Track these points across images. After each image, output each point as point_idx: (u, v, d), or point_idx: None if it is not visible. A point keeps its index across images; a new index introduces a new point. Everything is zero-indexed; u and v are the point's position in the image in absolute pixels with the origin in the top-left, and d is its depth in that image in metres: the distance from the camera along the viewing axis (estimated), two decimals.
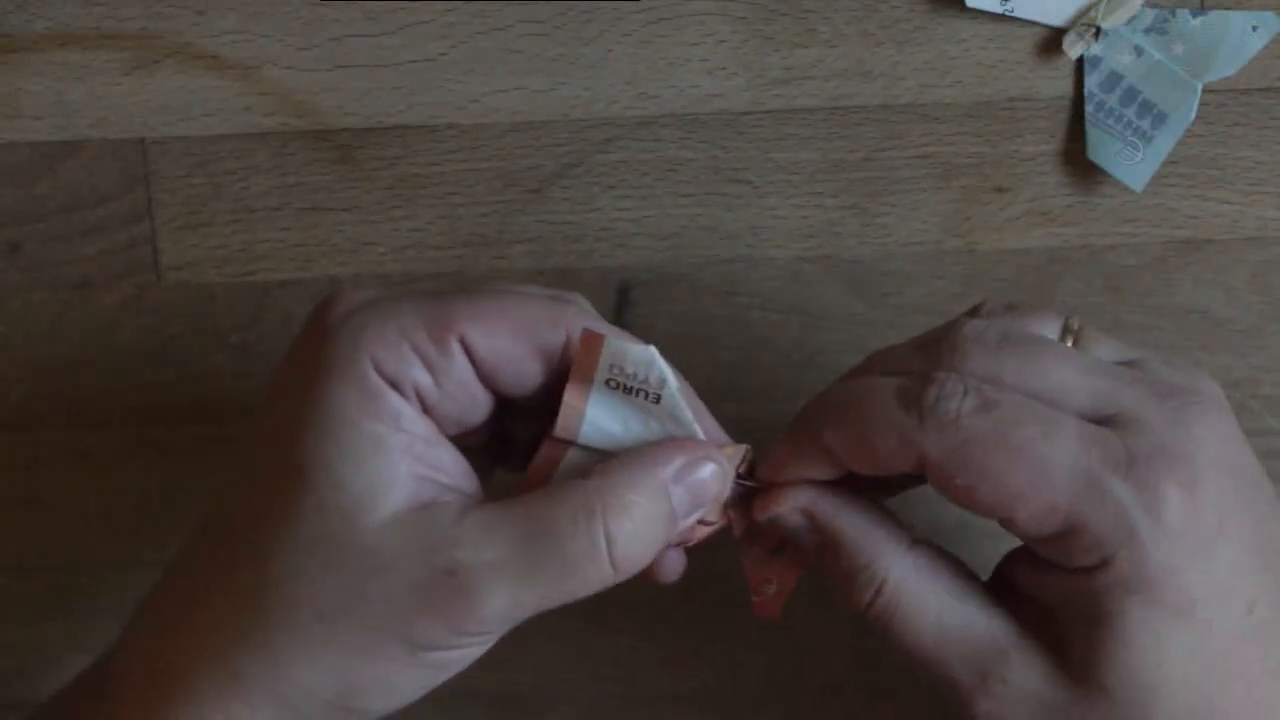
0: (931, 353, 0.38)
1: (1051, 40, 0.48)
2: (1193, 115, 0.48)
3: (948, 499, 0.37)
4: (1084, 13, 0.48)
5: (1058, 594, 0.37)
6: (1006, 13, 0.48)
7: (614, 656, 0.51)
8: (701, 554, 0.50)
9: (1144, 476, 0.36)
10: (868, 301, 0.50)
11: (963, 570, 0.39)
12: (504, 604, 0.36)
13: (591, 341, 0.38)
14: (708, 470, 0.38)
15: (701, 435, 0.39)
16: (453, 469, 0.38)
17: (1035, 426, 0.36)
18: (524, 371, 0.38)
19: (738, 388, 0.50)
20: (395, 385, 0.37)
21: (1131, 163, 0.48)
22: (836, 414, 0.38)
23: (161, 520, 0.51)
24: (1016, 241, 0.49)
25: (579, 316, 0.38)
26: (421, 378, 0.37)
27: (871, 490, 0.40)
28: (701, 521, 0.40)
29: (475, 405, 0.39)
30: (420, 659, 0.36)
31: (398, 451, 0.37)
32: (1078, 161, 0.49)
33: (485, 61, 0.49)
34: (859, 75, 0.48)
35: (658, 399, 0.38)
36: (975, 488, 0.36)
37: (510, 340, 0.37)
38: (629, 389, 0.38)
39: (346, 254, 0.50)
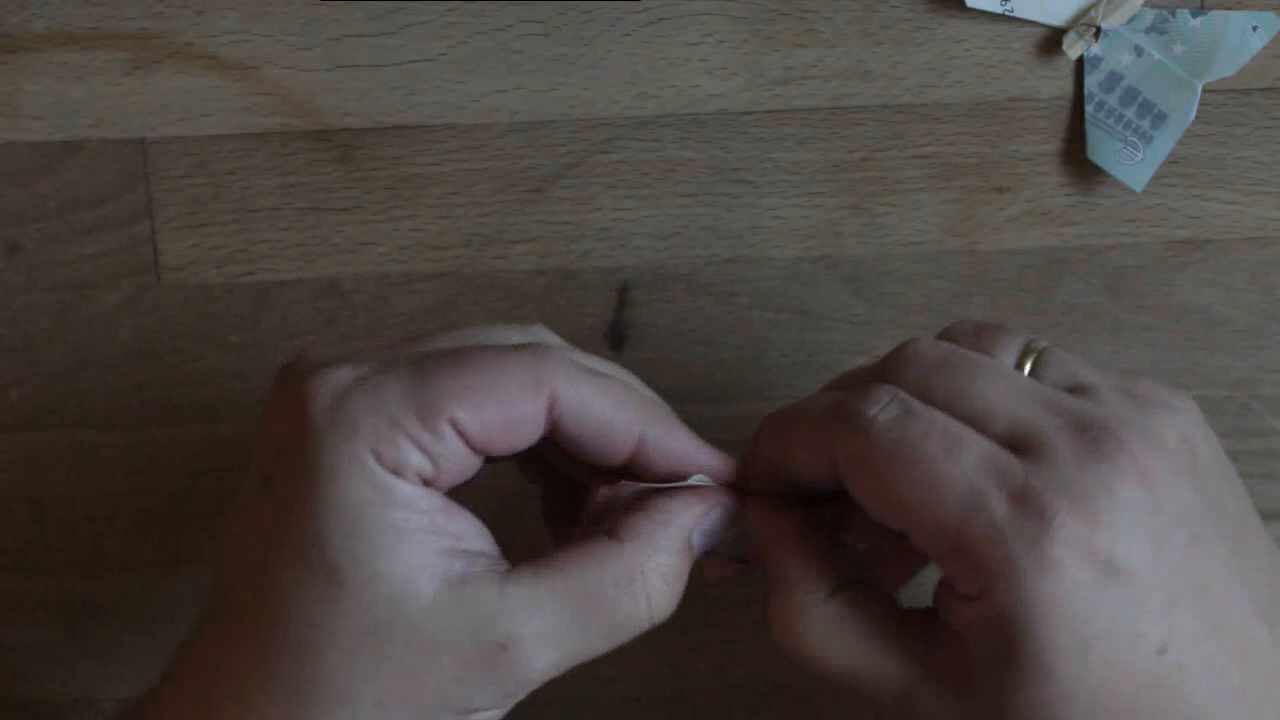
0: (882, 369, 0.39)
1: (1051, 40, 0.48)
2: (1193, 115, 0.48)
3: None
4: (1084, 13, 0.48)
5: (962, 622, 0.37)
6: (1006, 13, 0.48)
7: (614, 656, 0.51)
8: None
9: (1036, 506, 0.35)
10: (868, 301, 0.50)
11: (882, 610, 0.39)
12: (552, 664, 0.38)
13: None
14: (716, 515, 0.40)
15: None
16: (472, 532, 0.39)
17: (940, 443, 0.36)
18: (514, 437, 0.38)
19: (738, 388, 0.50)
20: (397, 473, 0.37)
21: (1131, 163, 0.48)
22: (775, 421, 0.40)
23: (162, 520, 0.51)
24: (1016, 241, 0.49)
25: (559, 373, 0.38)
26: (421, 463, 0.38)
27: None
28: (742, 561, 0.41)
29: (471, 469, 0.39)
30: (472, 719, 0.38)
31: (422, 533, 0.37)
32: (1078, 161, 0.49)
33: (485, 61, 0.49)
34: (859, 75, 0.48)
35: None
36: (875, 495, 0.37)
37: (498, 415, 0.38)
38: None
39: (346, 254, 0.50)
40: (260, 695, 0.38)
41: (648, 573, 0.38)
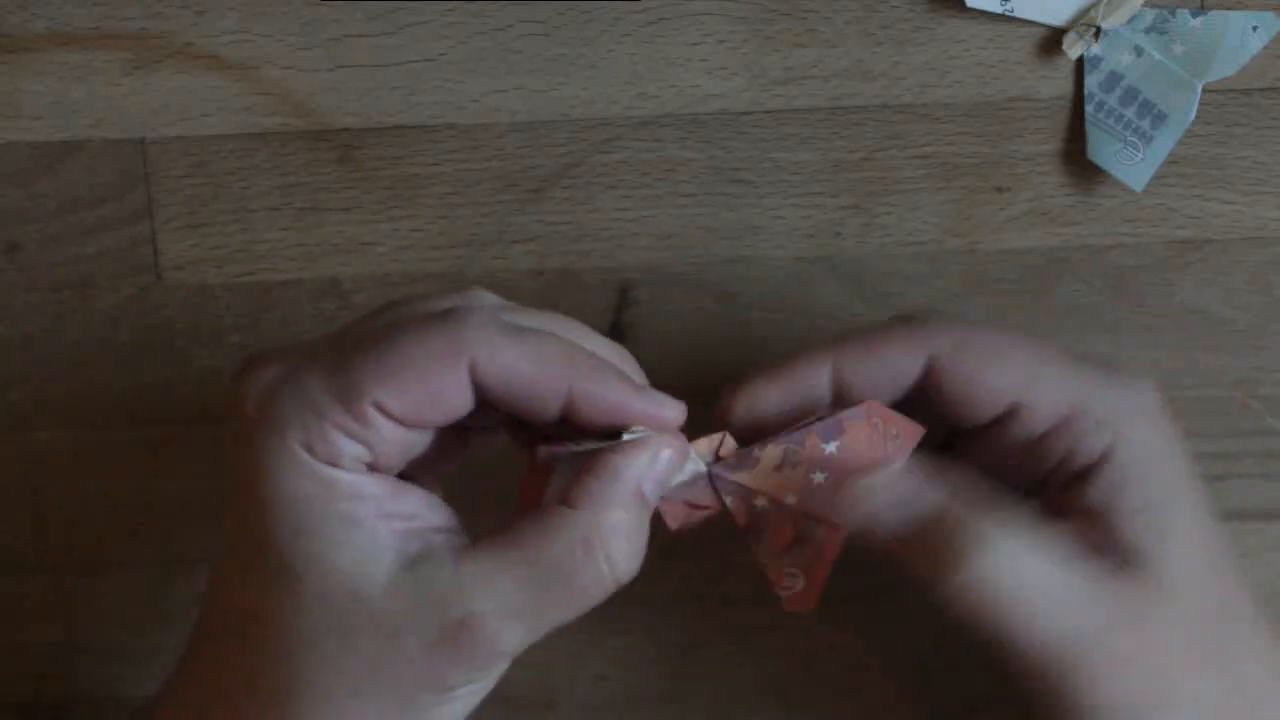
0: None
1: (1051, 40, 0.48)
2: (1193, 115, 0.48)
3: (947, 408, 0.40)
4: (1084, 13, 0.48)
5: (1089, 507, 0.39)
6: (1006, 13, 0.48)
7: (614, 656, 0.51)
8: (700, 554, 0.50)
9: (1121, 375, 0.40)
10: (868, 301, 0.50)
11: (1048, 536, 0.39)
12: (521, 636, 0.37)
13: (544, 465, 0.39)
14: (665, 457, 0.39)
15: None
16: (425, 509, 0.39)
17: (1020, 334, 0.41)
18: (442, 409, 0.38)
19: None
20: (334, 463, 0.37)
21: (1131, 163, 0.48)
22: (840, 339, 0.41)
23: (161, 520, 0.51)
24: (1016, 241, 0.49)
25: (477, 338, 0.38)
26: (355, 450, 0.38)
27: None
28: (694, 505, 0.40)
29: (415, 444, 0.39)
30: (454, 695, 0.38)
31: (371, 519, 0.38)
32: (1078, 161, 0.49)
33: (485, 61, 0.49)
34: (859, 75, 0.48)
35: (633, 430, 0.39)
36: (985, 371, 0.39)
37: (419, 390, 0.37)
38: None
39: (346, 254, 0.50)
40: (245, 699, 0.38)
41: (604, 534, 0.38)
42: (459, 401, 0.38)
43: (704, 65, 0.48)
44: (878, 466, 0.40)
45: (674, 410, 0.39)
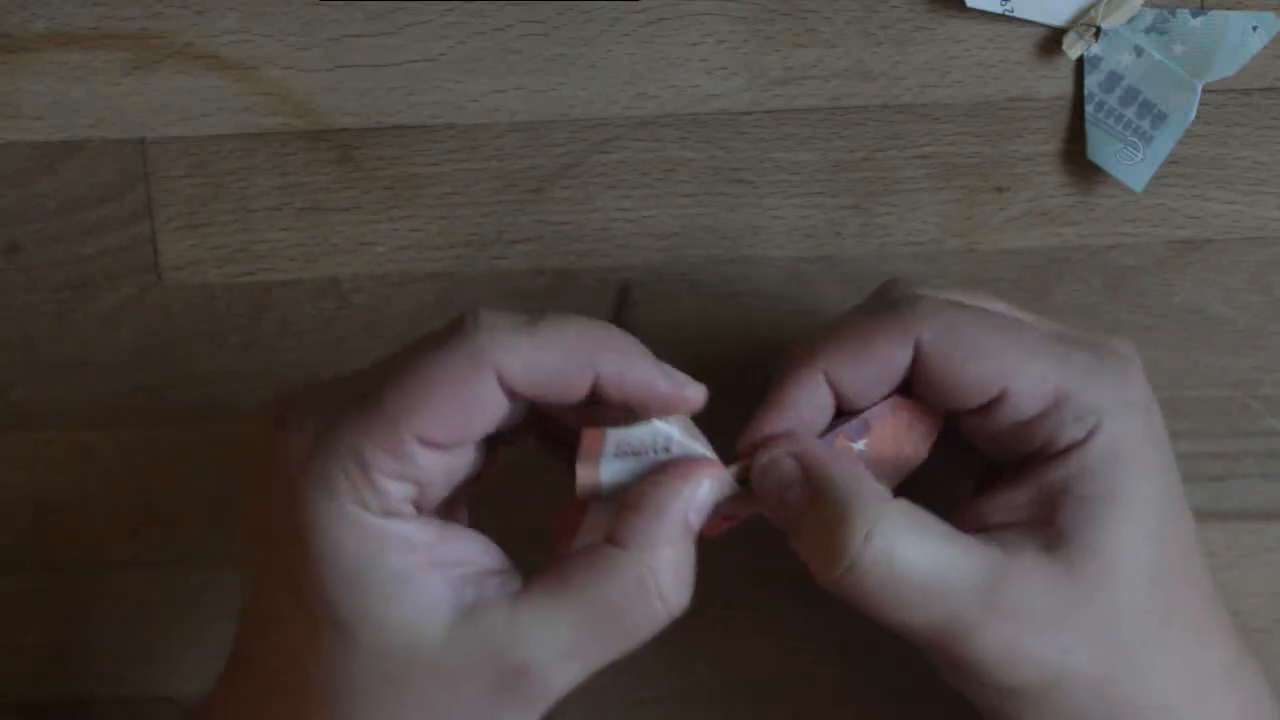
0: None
1: (1051, 40, 0.48)
2: (1193, 115, 0.48)
3: (934, 394, 0.40)
4: (1084, 13, 0.48)
5: (1047, 485, 0.39)
6: (1006, 13, 0.48)
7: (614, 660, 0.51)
8: (700, 557, 0.50)
9: (1112, 357, 0.40)
10: None
11: (931, 513, 0.40)
12: (575, 675, 0.38)
13: (592, 439, 0.39)
14: (706, 488, 0.39)
15: (714, 455, 0.40)
16: (476, 553, 0.39)
17: (1013, 315, 0.41)
18: (478, 422, 0.38)
19: (738, 388, 0.49)
20: (387, 512, 0.37)
21: (1131, 163, 0.48)
22: (829, 334, 0.41)
23: (161, 520, 0.51)
24: (1016, 241, 0.49)
25: (494, 344, 0.38)
26: (403, 490, 0.38)
27: None
28: (726, 518, 0.41)
29: (457, 468, 0.39)
30: None
31: (422, 570, 0.37)
32: (1078, 161, 0.49)
33: (485, 61, 0.49)
34: (859, 75, 0.48)
35: (667, 450, 0.40)
36: (972, 361, 0.39)
37: (453, 410, 0.37)
38: (638, 453, 0.39)
39: (346, 254, 0.50)
40: None
41: (656, 572, 0.38)
42: (494, 410, 0.38)
43: (704, 65, 0.48)
44: (905, 460, 0.41)
45: (695, 390, 0.39)
